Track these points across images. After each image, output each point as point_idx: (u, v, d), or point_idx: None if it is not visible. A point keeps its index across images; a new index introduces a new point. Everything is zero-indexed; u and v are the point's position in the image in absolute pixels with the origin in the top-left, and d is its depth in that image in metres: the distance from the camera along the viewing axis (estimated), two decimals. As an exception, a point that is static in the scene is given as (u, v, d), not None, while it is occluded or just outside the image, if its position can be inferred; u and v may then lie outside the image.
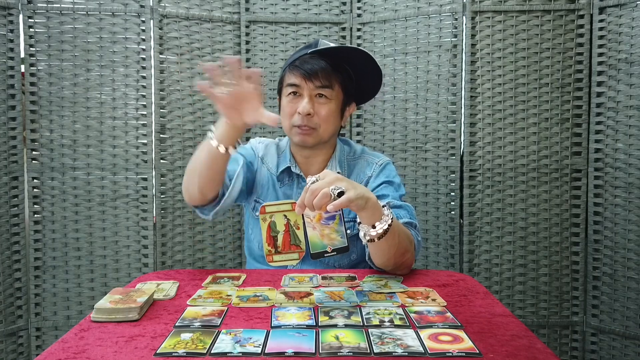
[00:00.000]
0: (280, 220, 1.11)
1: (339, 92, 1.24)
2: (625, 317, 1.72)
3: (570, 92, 1.79)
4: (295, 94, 1.22)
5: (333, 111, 1.23)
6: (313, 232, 0.92)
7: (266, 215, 1.10)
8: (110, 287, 1.80)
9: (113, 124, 1.81)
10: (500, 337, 0.75)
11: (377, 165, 1.29)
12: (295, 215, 1.09)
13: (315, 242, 0.92)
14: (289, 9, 1.94)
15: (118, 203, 1.82)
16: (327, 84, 1.21)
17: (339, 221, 0.92)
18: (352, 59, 1.24)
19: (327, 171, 0.94)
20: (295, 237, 1.12)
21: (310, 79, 1.19)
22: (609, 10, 1.72)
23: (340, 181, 0.90)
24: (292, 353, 0.68)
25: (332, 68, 1.21)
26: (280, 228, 1.11)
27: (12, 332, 1.76)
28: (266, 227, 1.11)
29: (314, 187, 0.88)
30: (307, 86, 1.20)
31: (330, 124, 1.23)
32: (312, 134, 1.22)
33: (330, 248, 0.92)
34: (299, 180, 1.27)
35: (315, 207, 0.87)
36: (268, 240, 1.11)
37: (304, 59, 1.21)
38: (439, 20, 1.84)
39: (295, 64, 1.22)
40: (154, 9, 1.81)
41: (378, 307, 0.86)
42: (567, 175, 1.81)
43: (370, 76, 1.27)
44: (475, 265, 1.85)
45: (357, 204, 0.90)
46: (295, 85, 1.21)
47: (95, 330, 0.77)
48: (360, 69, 1.25)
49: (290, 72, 1.23)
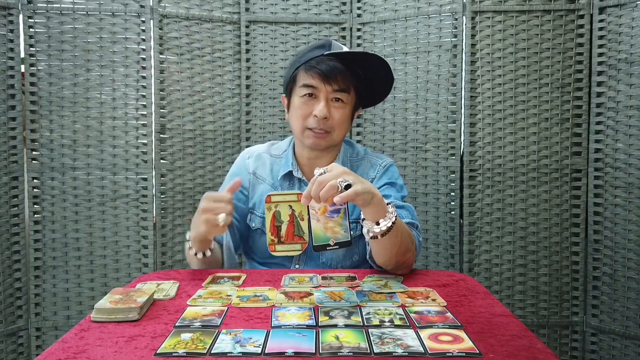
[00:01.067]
0: (285, 210, 1.11)
1: (353, 96, 1.22)
2: (625, 317, 1.72)
3: (570, 92, 1.79)
4: (311, 96, 1.19)
5: (347, 116, 1.22)
6: (317, 225, 0.92)
7: (271, 204, 1.10)
8: (110, 287, 1.80)
9: (113, 124, 1.81)
10: (500, 337, 0.75)
11: (380, 166, 1.28)
12: (301, 206, 1.09)
13: (318, 234, 0.92)
14: (289, 9, 1.94)
15: (118, 203, 1.82)
16: (345, 87, 1.18)
17: (343, 215, 0.92)
18: (365, 62, 1.21)
19: (335, 164, 0.93)
20: (299, 228, 1.12)
21: (329, 81, 1.16)
22: (609, 10, 1.72)
23: (348, 174, 0.90)
24: (292, 353, 0.68)
25: (349, 71, 1.18)
26: (285, 218, 1.11)
27: (12, 332, 1.76)
28: (270, 216, 1.10)
29: (321, 179, 0.88)
30: (324, 89, 1.17)
31: (344, 128, 1.22)
32: (326, 137, 1.20)
33: (333, 241, 0.91)
34: (300, 185, 1.25)
35: (322, 199, 0.87)
36: (272, 229, 1.11)
37: (320, 59, 1.17)
38: (439, 20, 1.84)
39: (311, 64, 1.18)
40: (154, 9, 1.81)
41: (378, 307, 0.86)
42: (567, 175, 1.81)
43: (380, 81, 1.24)
44: (475, 265, 1.85)
45: (363, 199, 0.90)
46: (312, 86, 1.18)
47: (95, 330, 0.77)
48: (371, 73, 1.23)
49: (305, 72, 1.18)
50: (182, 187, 1.89)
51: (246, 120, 1.95)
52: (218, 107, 1.92)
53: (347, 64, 1.18)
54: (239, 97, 1.94)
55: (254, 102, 1.95)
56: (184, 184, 1.89)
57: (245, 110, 1.95)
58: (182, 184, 1.89)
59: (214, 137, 1.92)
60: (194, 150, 1.90)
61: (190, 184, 1.90)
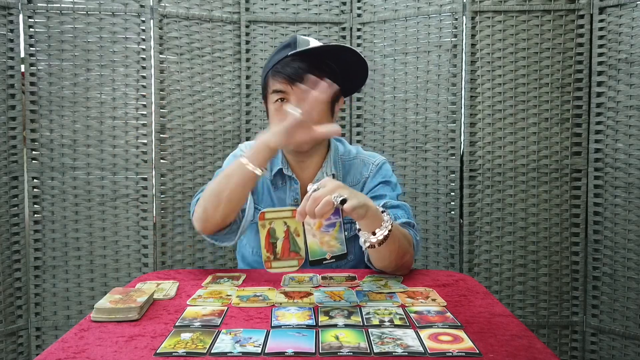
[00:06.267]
0: (280, 227, 1.10)
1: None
2: (625, 317, 1.72)
3: (570, 92, 1.79)
4: (283, 100, 1.17)
5: (324, 112, 1.18)
6: (313, 240, 0.92)
7: (265, 221, 1.10)
8: (110, 287, 1.80)
9: (113, 124, 1.81)
10: (500, 337, 0.75)
11: (373, 165, 1.27)
12: (296, 222, 1.08)
13: (314, 249, 0.93)
14: (289, 9, 1.94)
15: (118, 203, 1.82)
16: (314, 86, 1.16)
17: (339, 228, 0.92)
18: (334, 54, 1.19)
19: (328, 179, 0.93)
20: (295, 244, 1.12)
21: (295, 83, 1.13)
22: (609, 10, 1.72)
23: (342, 189, 0.90)
24: (292, 353, 0.68)
25: (315, 68, 1.14)
26: (280, 235, 1.10)
27: (12, 332, 1.76)
28: (265, 233, 1.10)
29: (315, 195, 0.87)
30: (293, 91, 1.15)
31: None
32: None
33: (330, 255, 0.92)
34: (291, 183, 1.24)
35: (317, 215, 0.86)
36: (267, 246, 1.10)
37: (285, 62, 1.15)
38: (439, 20, 1.84)
39: (277, 69, 1.15)
40: (154, 8, 1.81)
41: (378, 307, 0.86)
42: (567, 175, 1.81)
43: (355, 68, 1.21)
44: (475, 265, 1.85)
45: (358, 213, 0.90)
46: (281, 91, 1.15)
47: (95, 330, 0.77)
48: (343, 62, 1.20)
49: (273, 78, 1.17)
50: (182, 187, 1.89)
51: (246, 120, 1.95)
52: (218, 107, 1.92)
53: (314, 60, 1.15)
54: (239, 97, 1.94)
55: (254, 102, 1.95)
56: (184, 184, 1.89)
57: (245, 110, 1.95)
58: (182, 183, 1.89)
59: (214, 137, 1.92)
60: (194, 150, 1.90)
61: (190, 184, 1.90)
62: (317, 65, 1.16)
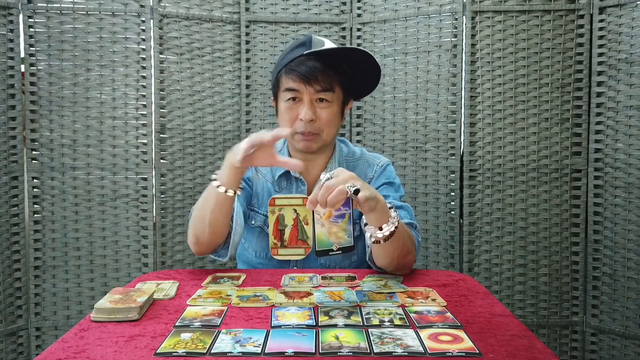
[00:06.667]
0: (290, 214, 1.09)
1: (339, 93, 1.19)
2: (625, 317, 1.72)
3: (570, 92, 1.79)
4: (295, 99, 1.16)
5: (335, 114, 1.19)
6: (321, 230, 0.91)
7: (275, 207, 1.08)
8: (110, 287, 1.80)
9: (113, 124, 1.81)
10: (500, 337, 0.75)
11: (378, 166, 1.28)
12: (306, 210, 1.07)
13: (322, 239, 0.91)
14: (289, 9, 1.94)
15: (118, 203, 1.82)
16: (328, 86, 1.15)
17: (347, 220, 0.91)
18: (348, 56, 1.19)
19: (341, 169, 0.91)
20: (304, 232, 1.10)
21: (310, 82, 1.13)
22: (609, 10, 1.72)
23: (355, 179, 0.89)
24: (292, 353, 0.68)
25: (331, 69, 1.14)
26: (289, 222, 1.09)
27: (12, 332, 1.76)
28: (274, 219, 1.08)
29: (329, 184, 0.86)
30: (306, 90, 1.14)
31: (333, 127, 1.20)
32: (316, 139, 1.18)
33: (336, 246, 0.91)
34: (297, 184, 1.24)
35: (329, 204, 0.85)
36: (275, 233, 1.09)
37: (299, 61, 1.14)
38: (439, 20, 1.84)
39: (291, 67, 1.14)
40: (154, 8, 1.81)
41: (378, 307, 0.86)
42: (567, 175, 1.81)
43: (368, 72, 1.20)
44: (475, 265, 1.85)
45: (369, 205, 0.90)
46: (294, 90, 1.15)
47: (95, 330, 0.77)
48: (357, 66, 1.19)
49: (286, 76, 1.15)
50: (182, 187, 1.89)
51: (246, 120, 1.95)
52: (218, 107, 1.92)
53: (329, 61, 1.15)
54: (239, 97, 1.94)
55: (254, 102, 1.95)
56: (184, 183, 1.89)
57: (245, 110, 1.95)
58: (182, 183, 1.89)
59: (214, 137, 1.92)
60: (194, 150, 1.90)
61: (190, 184, 1.90)
62: (331, 66, 1.15)
